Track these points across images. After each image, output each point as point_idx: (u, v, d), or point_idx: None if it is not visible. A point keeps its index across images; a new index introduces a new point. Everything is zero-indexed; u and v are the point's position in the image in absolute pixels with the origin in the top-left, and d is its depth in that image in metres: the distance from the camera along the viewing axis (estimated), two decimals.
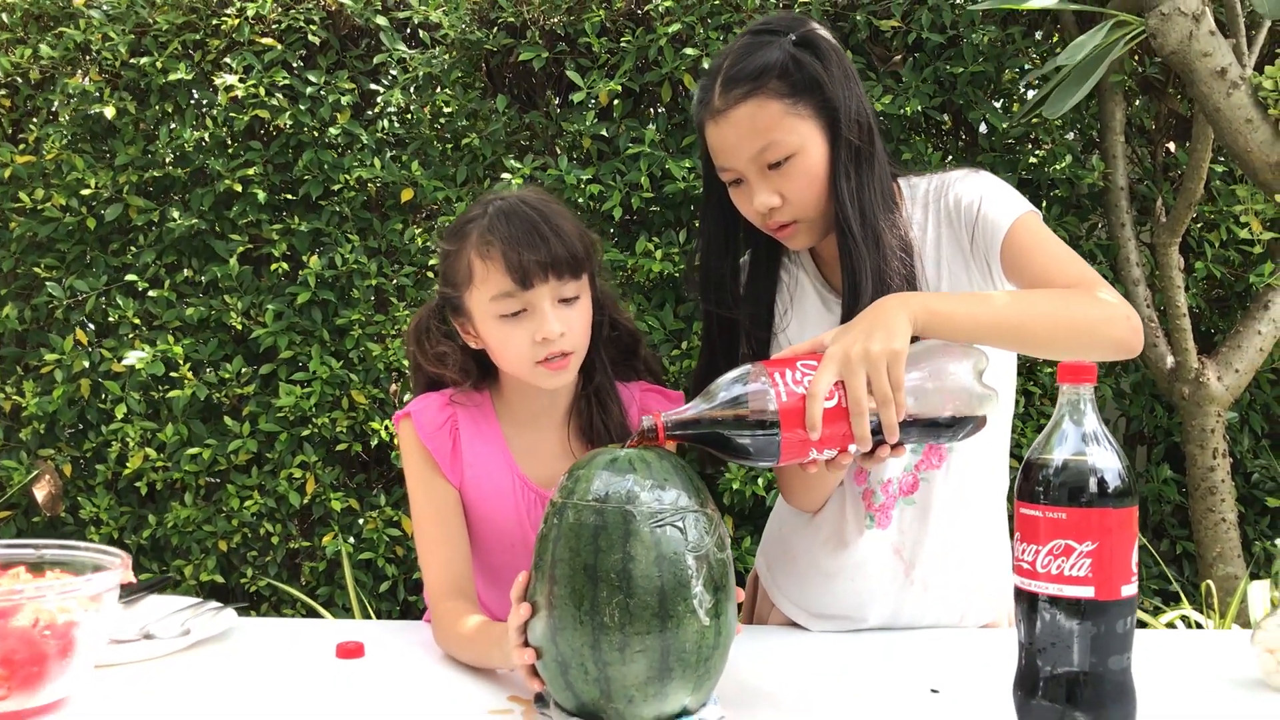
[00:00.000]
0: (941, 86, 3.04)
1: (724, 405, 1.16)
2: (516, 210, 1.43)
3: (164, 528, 3.02)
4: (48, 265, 3.05)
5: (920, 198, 1.46)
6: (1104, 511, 1.07)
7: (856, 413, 1.15)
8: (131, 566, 1.30)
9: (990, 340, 1.27)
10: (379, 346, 2.98)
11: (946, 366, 1.22)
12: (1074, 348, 1.31)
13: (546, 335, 1.40)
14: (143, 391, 3.02)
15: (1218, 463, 2.94)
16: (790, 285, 1.51)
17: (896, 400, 1.15)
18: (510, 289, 1.40)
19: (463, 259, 1.45)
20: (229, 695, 1.29)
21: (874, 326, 1.18)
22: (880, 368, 1.15)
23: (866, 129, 1.39)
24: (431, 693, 1.31)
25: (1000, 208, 1.40)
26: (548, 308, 1.41)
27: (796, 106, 1.36)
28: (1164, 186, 3.14)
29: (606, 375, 1.55)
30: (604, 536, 1.10)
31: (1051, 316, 1.29)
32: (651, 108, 3.20)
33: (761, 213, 1.39)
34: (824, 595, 1.54)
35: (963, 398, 1.21)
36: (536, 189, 1.53)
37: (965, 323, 1.24)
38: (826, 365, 1.16)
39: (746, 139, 1.36)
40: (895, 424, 1.16)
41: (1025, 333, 1.28)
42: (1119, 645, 1.09)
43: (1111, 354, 1.32)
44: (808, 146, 1.37)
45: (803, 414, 1.14)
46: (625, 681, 1.10)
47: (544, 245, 1.40)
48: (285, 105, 2.97)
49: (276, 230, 3.00)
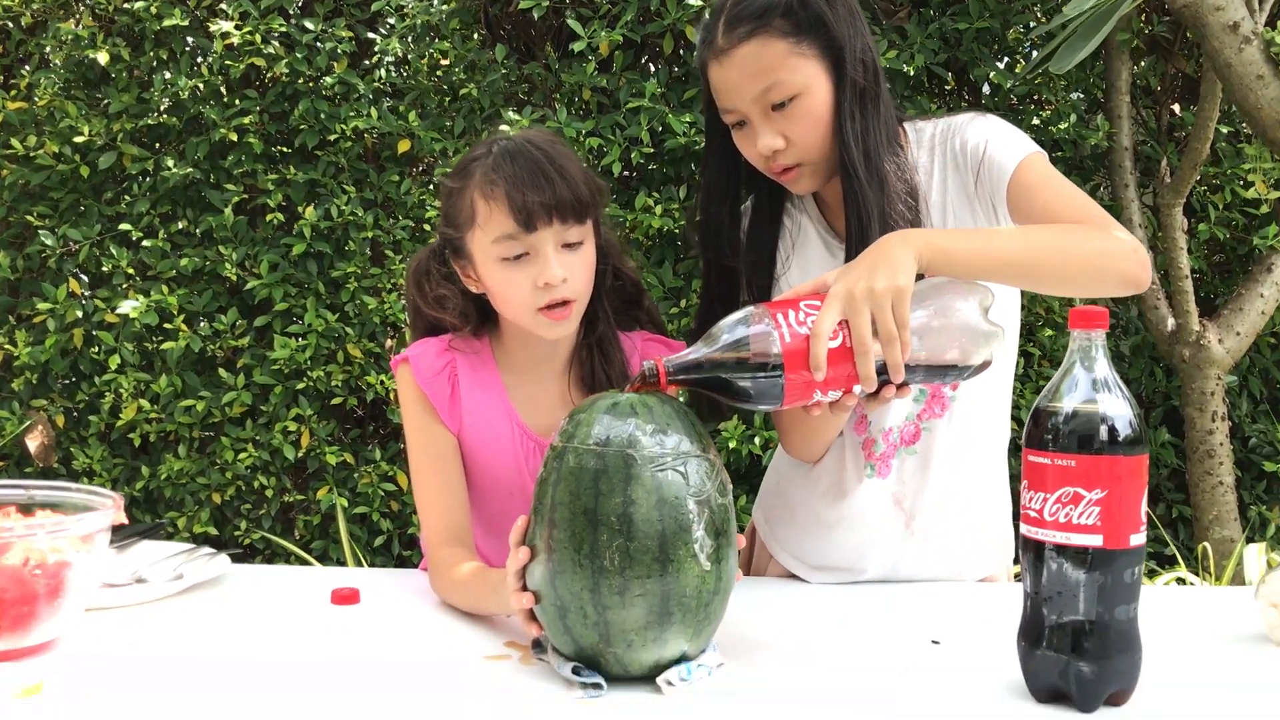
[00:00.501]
0: (946, 43, 3.00)
1: (726, 348, 1.14)
2: (522, 150, 1.40)
3: (157, 479, 3.01)
4: (40, 214, 3.02)
5: (926, 142, 1.43)
6: (1114, 459, 1.05)
7: (861, 352, 1.13)
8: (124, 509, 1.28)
9: (997, 276, 1.24)
10: (375, 300, 2.96)
11: (952, 304, 1.19)
12: (1082, 283, 1.28)
13: (548, 280, 1.37)
14: (136, 342, 3.00)
15: (1216, 426, 2.93)
16: (793, 231, 1.49)
17: (901, 339, 1.13)
18: (513, 231, 1.37)
19: (465, 199, 1.41)
20: (222, 640, 1.27)
21: (878, 264, 1.15)
22: (885, 305, 1.12)
23: (872, 69, 1.36)
24: (427, 639, 1.30)
25: (1006, 149, 1.37)
26: (550, 252, 1.38)
27: (801, 46, 1.33)
28: (1168, 148, 3.11)
29: (609, 325, 1.52)
30: (604, 480, 1.08)
31: (1059, 251, 1.26)
32: (652, 61, 3.16)
33: (765, 155, 1.37)
34: (823, 546, 1.53)
35: (969, 335, 1.19)
36: (543, 130, 1.49)
37: (971, 258, 1.21)
38: (830, 304, 1.13)
39: (750, 79, 1.34)
40: (900, 363, 1.14)
41: (1032, 268, 1.25)
42: (1126, 595, 1.07)
43: (1119, 289, 1.29)
44: (812, 86, 1.34)
45: (806, 355, 1.12)
46: (624, 626, 1.09)
47: (549, 187, 1.37)
48: (281, 53, 2.92)
49: (272, 181, 2.97)
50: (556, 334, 1.44)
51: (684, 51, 3.03)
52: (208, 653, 1.23)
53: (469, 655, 1.23)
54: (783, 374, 1.13)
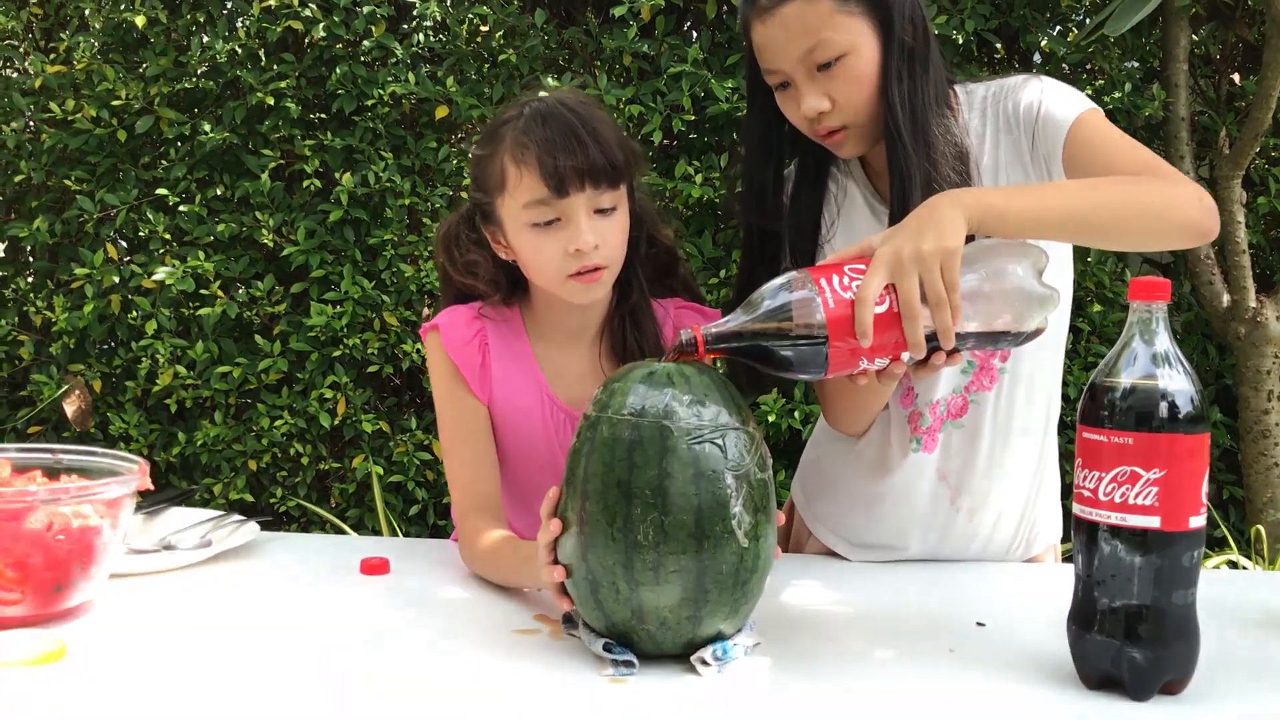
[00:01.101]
0: (997, 9, 2.92)
1: (767, 315, 1.09)
2: (555, 112, 1.35)
3: (193, 445, 3.01)
4: (78, 178, 3.01)
5: (977, 104, 1.38)
6: (1174, 437, 1.00)
7: (909, 317, 1.07)
8: (155, 481, 1.26)
9: (1053, 233, 1.19)
10: (411, 268, 2.93)
11: (1005, 266, 1.13)
12: (1144, 234, 1.22)
13: (580, 247, 1.33)
14: (173, 308, 2.99)
15: (1272, 405, 2.85)
16: (838, 196, 1.43)
17: (951, 303, 1.07)
18: (544, 196, 1.33)
19: (495, 163, 1.37)
20: (248, 608, 1.25)
21: (925, 225, 1.10)
22: (934, 268, 1.07)
23: (921, 29, 1.31)
24: (456, 610, 1.27)
25: (1062, 106, 1.31)
26: (583, 218, 1.34)
27: (847, 4, 1.27)
28: (1228, 118, 3.02)
29: (643, 294, 1.48)
30: (639, 452, 1.04)
31: (1118, 202, 1.19)
32: (695, 27, 3.10)
33: (809, 118, 1.31)
34: (865, 522, 1.48)
35: (1022, 299, 1.13)
36: (576, 91, 1.45)
37: (1024, 216, 1.15)
38: (876, 267, 1.08)
39: (795, 38, 1.28)
40: (950, 328, 1.08)
41: (1090, 222, 1.19)
42: (1184, 579, 1.02)
43: (1185, 239, 1.23)
44: (859, 46, 1.28)
45: (851, 321, 1.07)
46: (658, 603, 1.05)
47: (582, 151, 1.32)
48: (319, 16, 2.89)
49: (309, 146, 2.94)
50: (587, 298, 1.40)
51: (727, 16, 2.96)
52: (233, 620, 1.21)
53: (497, 628, 1.20)
54: (827, 341, 1.08)
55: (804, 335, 1.08)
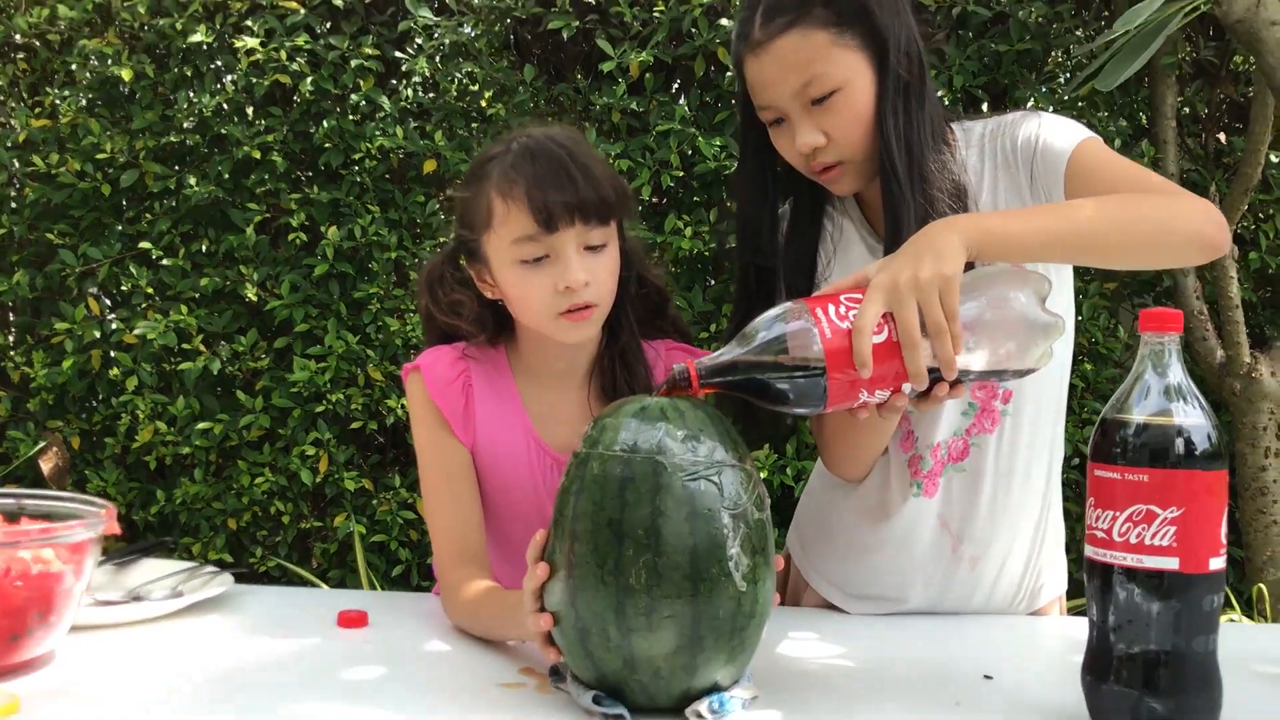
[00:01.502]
0: (986, 66, 2.92)
1: (763, 347, 1.05)
2: (543, 148, 1.32)
3: (172, 504, 2.93)
4: (61, 232, 2.97)
5: (975, 141, 1.35)
6: (1191, 474, 0.96)
7: (909, 345, 1.03)
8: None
9: (1056, 255, 1.15)
10: (397, 322, 2.89)
11: (1006, 294, 1.09)
12: (1152, 250, 1.18)
13: (570, 284, 1.29)
14: (154, 364, 2.93)
15: (1269, 462, 2.81)
16: (834, 234, 1.40)
17: (952, 331, 1.03)
18: (533, 232, 1.30)
19: (482, 199, 1.34)
20: (220, 661, 1.19)
21: (922, 251, 1.06)
22: (932, 295, 1.03)
23: (917, 62, 1.29)
24: (438, 664, 1.21)
25: (1061, 137, 1.29)
26: (572, 254, 1.30)
27: (843, 37, 1.25)
28: (1216, 175, 3.01)
29: (633, 335, 1.44)
30: (631, 489, 1.00)
31: (1122, 218, 1.16)
32: (684, 85, 3.09)
33: (805, 154, 1.29)
34: (864, 572, 1.43)
35: (1026, 327, 1.09)
36: (565, 126, 1.42)
37: (1025, 239, 1.11)
38: (872, 296, 1.04)
39: (789, 72, 1.26)
40: (952, 357, 1.04)
41: (1095, 240, 1.15)
42: (1204, 625, 0.97)
43: (1194, 253, 1.19)
44: (855, 80, 1.26)
45: (850, 351, 1.03)
46: (651, 651, 0.99)
47: (571, 186, 1.29)
48: (307, 71, 2.88)
49: (295, 200, 2.91)
50: (577, 337, 1.35)
51: (715, 74, 2.96)
52: (202, 675, 1.14)
53: (482, 682, 1.14)
54: (825, 373, 1.04)
55: (801, 367, 1.04)
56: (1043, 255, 1.14)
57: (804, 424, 2.84)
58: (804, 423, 2.85)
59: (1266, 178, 2.92)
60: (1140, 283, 2.99)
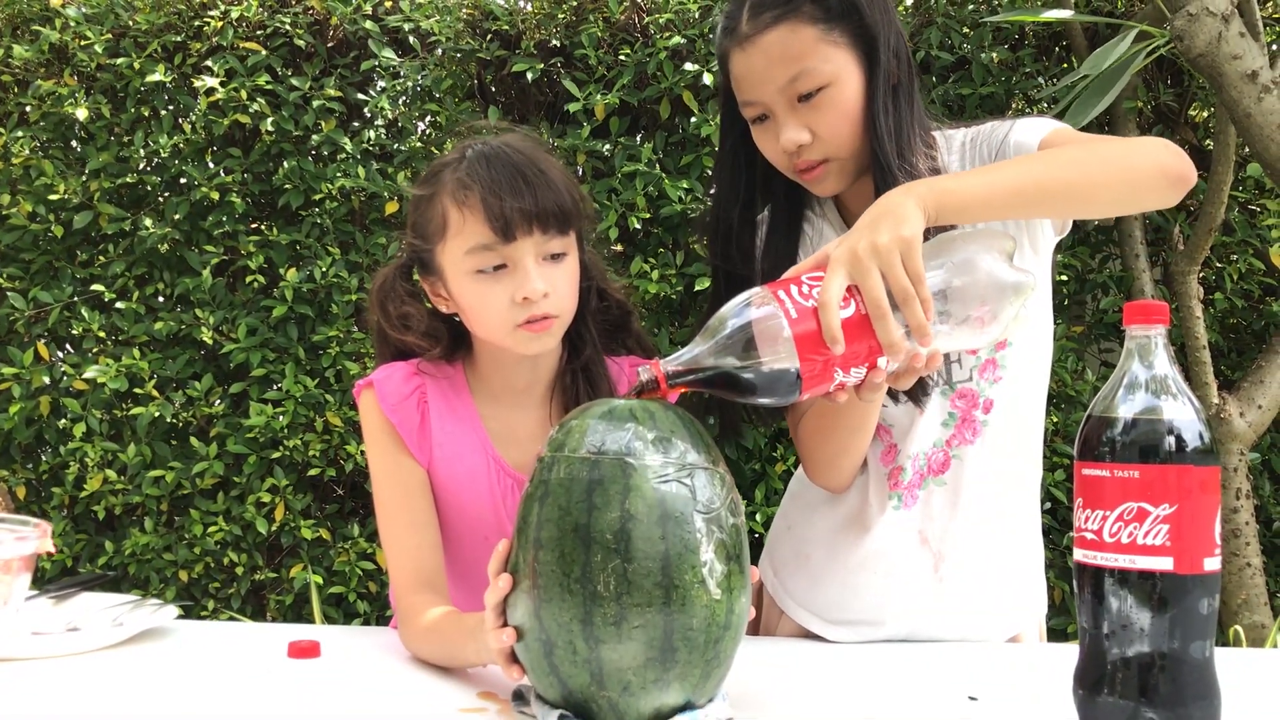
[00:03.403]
0: (950, 109, 2.93)
1: (728, 339, 1.00)
2: (500, 154, 1.28)
3: (121, 555, 2.83)
4: (10, 275, 2.89)
5: (957, 148, 1.33)
6: (1183, 469, 0.92)
7: (878, 316, 0.99)
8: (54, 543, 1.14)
9: (1018, 211, 1.12)
10: (357, 365, 2.82)
11: (972, 256, 1.05)
12: (1117, 189, 1.15)
13: (528, 294, 1.24)
14: (105, 410, 2.85)
15: (1241, 504, 2.78)
16: (814, 239, 1.37)
17: (919, 294, 0.99)
18: (489, 240, 1.25)
19: (436, 207, 1.29)
20: (162, 695, 1.11)
21: (879, 219, 1.02)
22: (893, 260, 0.99)
23: (905, 62, 1.27)
24: (394, 692, 1.14)
25: (1033, 131, 1.28)
26: (531, 264, 1.25)
27: (831, 33, 1.23)
28: (1179, 218, 3.03)
29: (596, 349, 1.39)
30: (599, 492, 0.94)
31: (1082, 161, 1.13)
32: (649, 129, 3.09)
33: (789, 151, 1.26)
34: (841, 595, 1.37)
35: (996, 288, 1.05)
36: (523, 133, 1.38)
37: (986, 195, 1.08)
38: (833, 270, 1.00)
39: (777, 67, 1.24)
40: (923, 322, 0.99)
41: (1058, 188, 1.12)
42: (1201, 629, 0.93)
43: (1163, 186, 1.16)
44: (842, 77, 1.24)
45: (818, 331, 0.98)
46: (621, 664, 0.93)
47: (530, 193, 1.25)
48: (268, 111, 2.84)
49: (253, 242, 2.85)
50: (536, 348, 1.30)
51: (680, 117, 2.95)
52: (142, 710, 1.06)
53: (441, 709, 1.07)
54: (796, 358, 0.99)
55: (771, 354, 0.99)
56: (1006, 211, 1.11)
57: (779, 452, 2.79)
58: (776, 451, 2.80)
59: (1229, 220, 2.94)
60: (1106, 325, 2.98)
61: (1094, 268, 3.01)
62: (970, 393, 1.31)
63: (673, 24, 2.84)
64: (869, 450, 1.33)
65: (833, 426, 1.14)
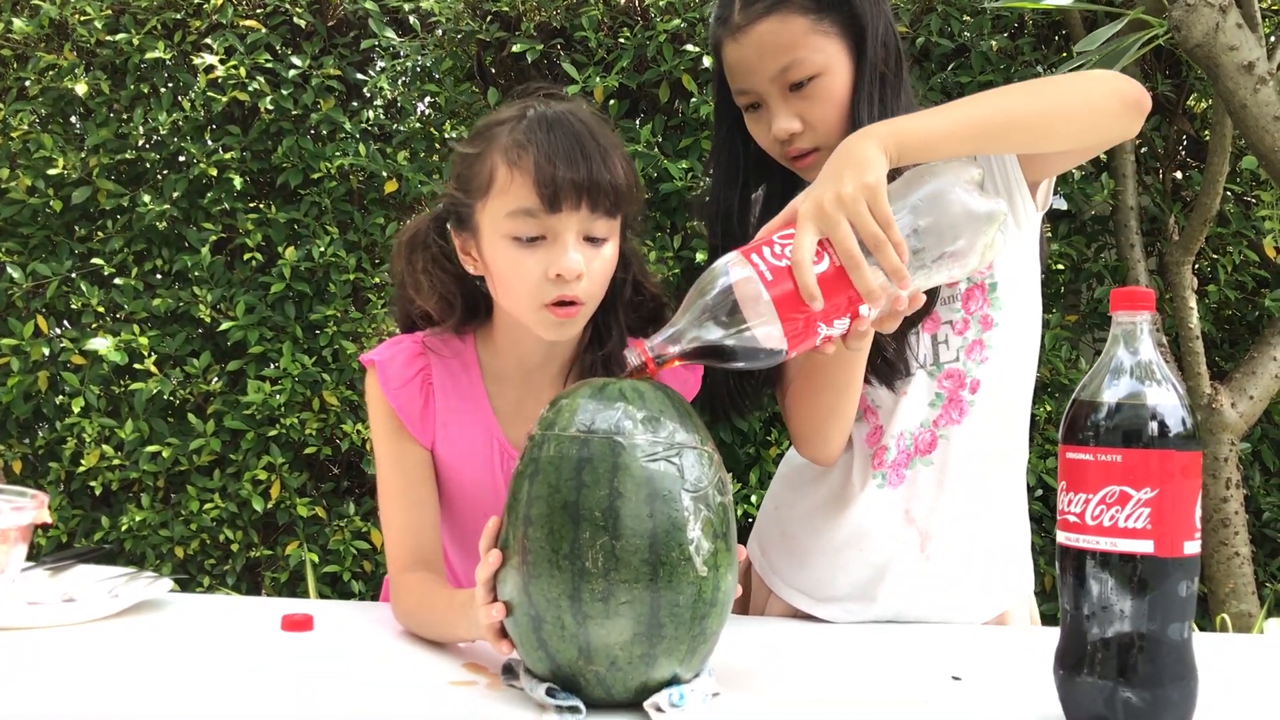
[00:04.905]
0: (949, 97, 2.94)
1: (707, 309, 1.01)
2: (562, 120, 1.22)
3: (118, 531, 2.85)
4: (9, 249, 2.90)
5: None
6: (1166, 454, 0.93)
7: (852, 266, 0.99)
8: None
9: (981, 145, 1.13)
10: (354, 345, 2.84)
11: (939, 189, 1.05)
12: (1080, 122, 1.17)
13: (562, 271, 1.20)
14: (103, 385, 2.86)
15: (1231, 494, 2.80)
16: None
17: (891, 238, 1.00)
18: (534, 207, 1.20)
19: (485, 162, 1.24)
20: (157, 665, 1.13)
21: (841, 168, 1.03)
22: (860, 208, 0.99)
23: (894, 54, 1.28)
24: (385, 665, 1.15)
25: None
26: (571, 240, 1.20)
27: (822, 23, 1.25)
28: (1174, 208, 3.04)
29: (622, 341, 1.35)
30: (589, 470, 0.96)
31: (1040, 94, 1.16)
32: (648, 112, 3.09)
33: (780, 139, 1.27)
34: (829, 572, 1.38)
35: (968, 219, 1.05)
36: (591, 107, 1.33)
37: (947, 133, 1.09)
38: (802, 226, 1.01)
39: (768, 57, 1.25)
40: (899, 265, 1.00)
41: (1019, 121, 1.14)
42: (1180, 611, 0.94)
43: (1123, 112, 1.18)
44: (832, 66, 1.25)
45: (795, 289, 0.99)
46: (608, 639, 0.95)
47: (585, 165, 1.19)
48: (267, 89, 2.84)
49: (252, 220, 2.86)
50: (556, 335, 1.27)
51: (679, 101, 2.96)
52: (136, 679, 1.08)
53: (431, 681, 1.09)
54: (778, 320, 1.00)
55: (753, 318, 1.00)
56: (967, 148, 1.11)
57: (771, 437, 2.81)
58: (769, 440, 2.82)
59: (1224, 211, 2.95)
60: (1101, 315, 2.99)
61: (1089, 257, 3.02)
62: (957, 373, 1.32)
63: (673, 7, 2.84)
64: (854, 430, 1.34)
65: (820, 386, 1.15)
